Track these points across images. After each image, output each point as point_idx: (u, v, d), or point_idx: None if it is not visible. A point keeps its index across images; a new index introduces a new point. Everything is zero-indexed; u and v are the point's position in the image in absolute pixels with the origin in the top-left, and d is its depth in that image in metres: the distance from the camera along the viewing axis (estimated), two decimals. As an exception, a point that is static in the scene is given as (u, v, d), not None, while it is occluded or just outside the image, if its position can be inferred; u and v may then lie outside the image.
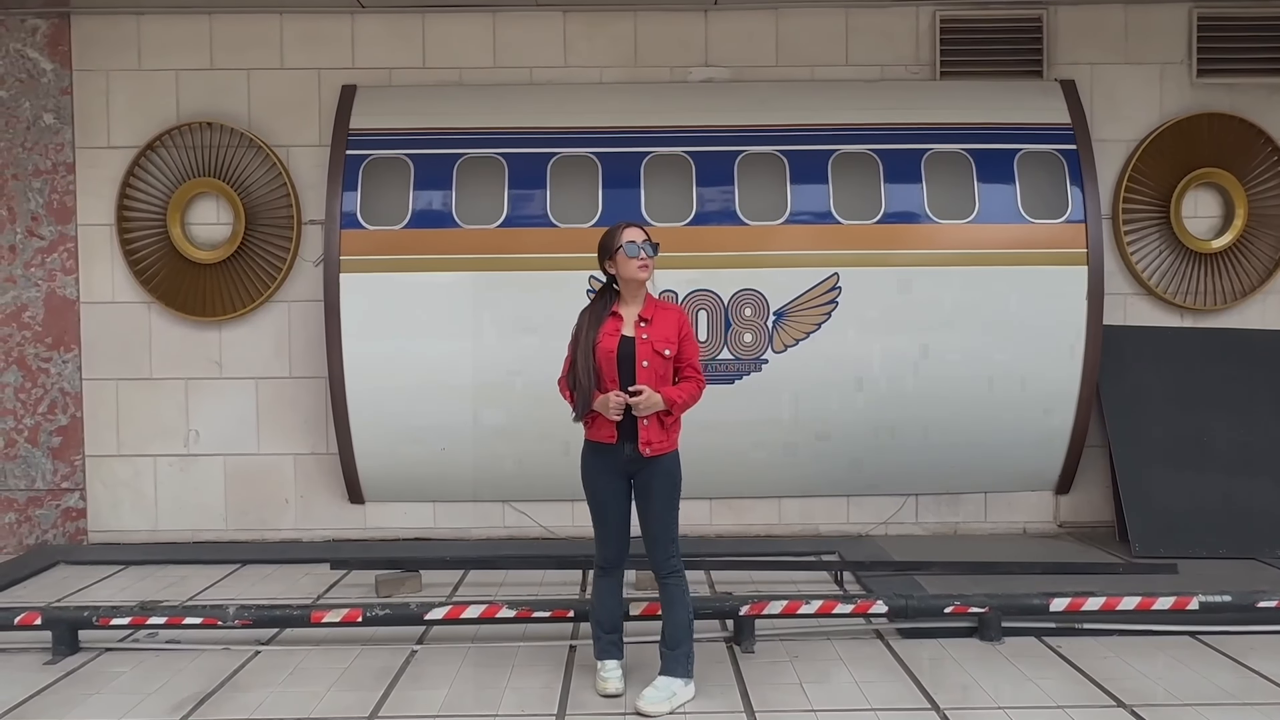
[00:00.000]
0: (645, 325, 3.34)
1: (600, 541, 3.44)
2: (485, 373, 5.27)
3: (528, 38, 5.70)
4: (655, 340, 3.32)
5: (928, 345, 5.30)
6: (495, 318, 5.28)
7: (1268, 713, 3.23)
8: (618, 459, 3.33)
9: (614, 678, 3.40)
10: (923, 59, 5.72)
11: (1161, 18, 5.72)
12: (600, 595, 3.48)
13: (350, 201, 5.29)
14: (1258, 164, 5.68)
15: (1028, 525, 5.75)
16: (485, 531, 5.67)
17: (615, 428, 3.29)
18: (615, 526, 3.40)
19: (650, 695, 3.26)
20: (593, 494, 3.42)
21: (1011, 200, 5.32)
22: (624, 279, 3.36)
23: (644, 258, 3.32)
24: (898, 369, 5.31)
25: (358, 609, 3.93)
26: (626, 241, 3.33)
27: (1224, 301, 5.71)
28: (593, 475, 3.41)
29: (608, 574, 3.46)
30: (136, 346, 5.65)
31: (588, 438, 3.42)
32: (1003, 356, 5.32)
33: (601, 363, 3.31)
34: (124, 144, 5.61)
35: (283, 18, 5.66)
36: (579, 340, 3.37)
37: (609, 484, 3.37)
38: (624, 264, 3.33)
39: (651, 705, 3.23)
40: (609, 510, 3.39)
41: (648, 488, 3.34)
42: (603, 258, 3.41)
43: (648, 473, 3.33)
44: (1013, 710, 3.25)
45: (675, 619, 3.35)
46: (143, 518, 5.70)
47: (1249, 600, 3.95)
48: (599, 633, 3.47)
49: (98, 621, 3.89)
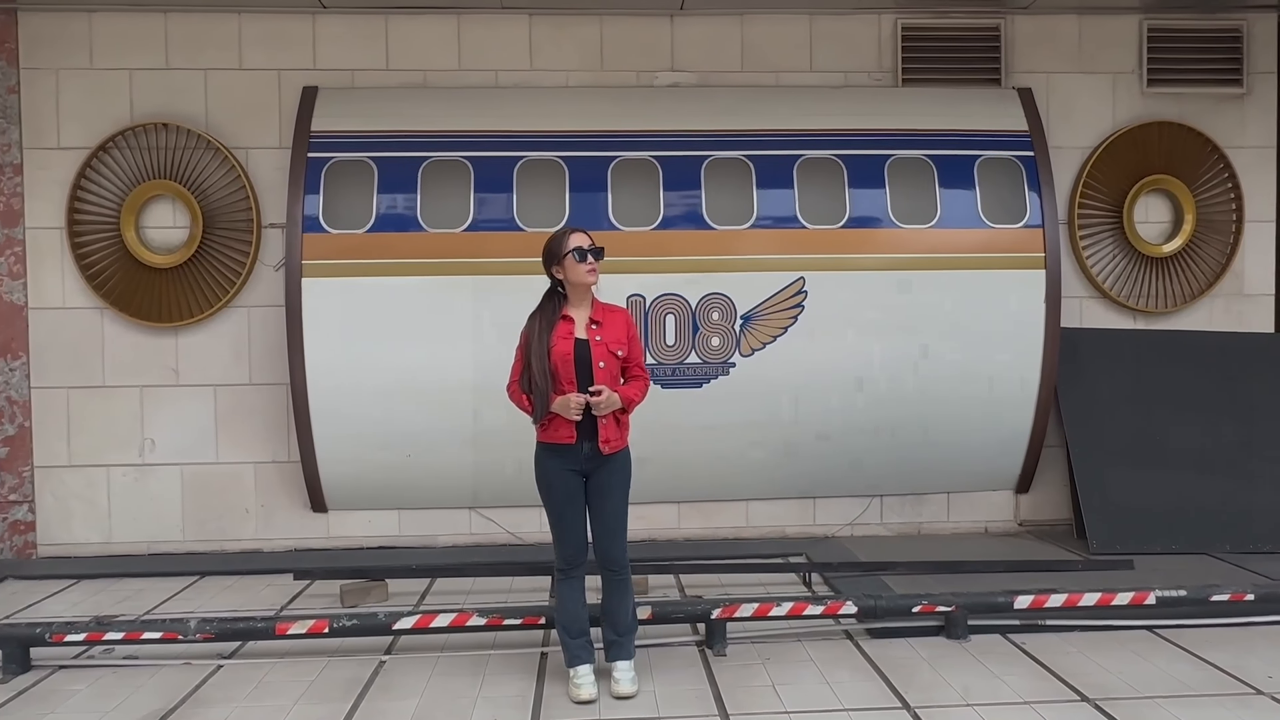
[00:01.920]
0: (597, 328, 3.43)
1: (560, 542, 3.45)
2: (451, 378, 5.21)
3: (493, 40, 5.66)
4: (609, 342, 3.42)
5: (892, 348, 5.38)
6: (461, 322, 5.23)
7: (1224, 703, 3.32)
8: (575, 458, 3.39)
9: (587, 684, 3.39)
10: (885, 66, 5.81)
11: (1113, 29, 5.88)
12: (565, 600, 3.48)
13: (312, 205, 5.20)
14: (1205, 171, 5.87)
15: (989, 524, 5.85)
16: (452, 538, 5.61)
17: (574, 428, 3.34)
18: (573, 524, 3.44)
19: (625, 679, 3.42)
20: (551, 495, 3.45)
21: (972, 205, 5.42)
22: (572, 283, 3.43)
23: (591, 262, 3.40)
24: (865, 372, 5.38)
25: (324, 620, 3.85)
26: (574, 247, 3.39)
27: (1174, 304, 5.89)
28: (550, 476, 3.44)
29: (569, 576, 3.48)
30: (89, 353, 5.49)
31: (542, 440, 3.45)
32: (964, 359, 5.41)
33: (558, 365, 3.36)
34: (74, 145, 5.45)
35: (241, 17, 5.55)
36: (530, 345, 3.41)
37: (566, 483, 3.41)
38: (572, 269, 3.40)
39: (631, 686, 3.40)
40: (567, 509, 3.43)
41: (606, 484, 3.41)
42: (549, 262, 3.46)
43: (606, 470, 3.41)
44: (981, 707, 3.31)
45: (627, 606, 3.51)
46: (96, 530, 5.53)
47: (1203, 594, 4.07)
48: (566, 639, 3.47)
49: (50, 638, 3.77)
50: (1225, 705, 3.30)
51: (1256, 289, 5.98)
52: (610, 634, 3.50)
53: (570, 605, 3.48)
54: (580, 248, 3.39)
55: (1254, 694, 3.40)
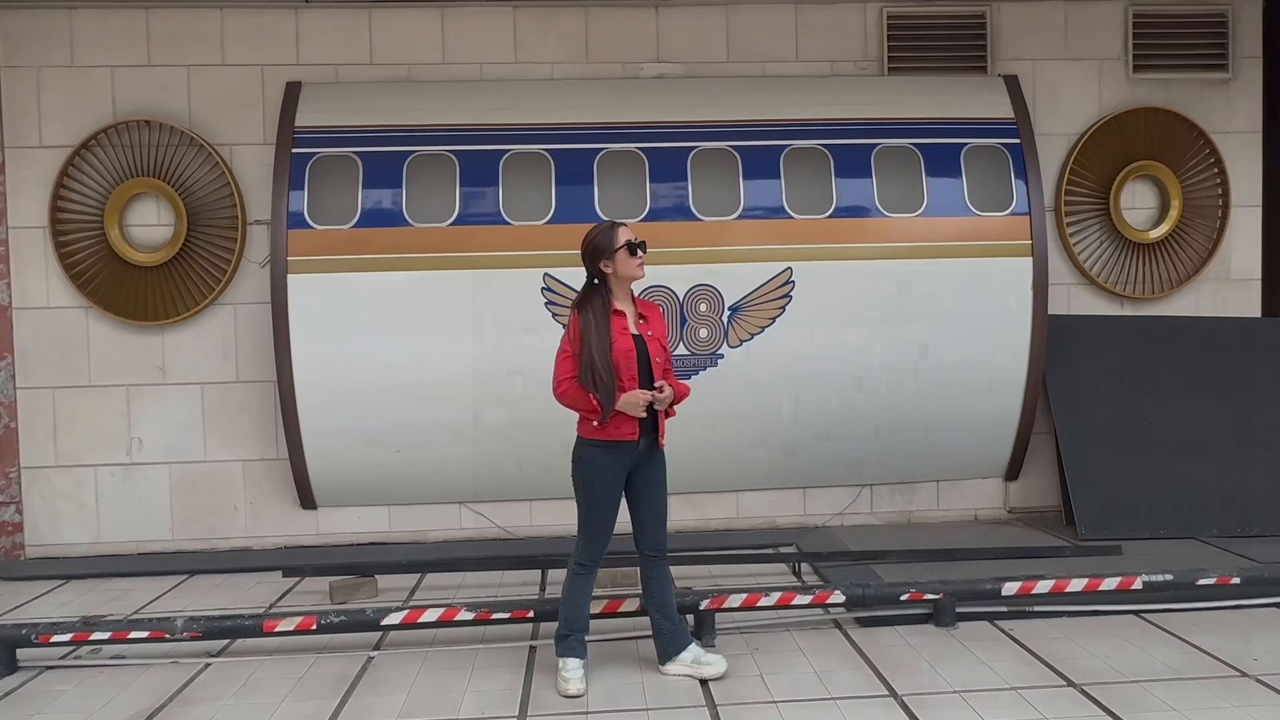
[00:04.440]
0: (645, 322, 3.44)
1: (598, 538, 3.43)
2: (441, 372, 5.20)
3: (478, 33, 5.63)
4: (659, 336, 3.46)
5: (881, 337, 5.38)
6: (449, 317, 5.21)
7: (1210, 686, 3.34)
8: (630, 454, 3.38)
9: (577, 677, 3.40)
10: (871, 55, 5.79)
11: (1099, 14, 5.87)
12: (579, 595, 3.48)
13: (297, 201, 5.18)
14: (1191, 156, 5.87)
15: (979, 511, 5.87)
16: (442, 534, 5.60)
17: (638, 424, 3.33)
18: (612, 521, 3.43)
19: (712, 659, 3.49)
20: (599, 492, 3.39)
21: (959, 193, 5.42)
22: (620, 278, 3.40)
23: (641, 257, 3.39)
24: (854, 361, 5.38)
25: (312, 616, 3.85)
26: (625, 242, 3.37)
27: (1161, 290, 5.90)
28: (601, 473, 3.38)
29: (590, 571, 3.49)
30: (74, 353, 5.46)
31: (598, 437, 3.36)
32: (953, 347, 5.41)
33: (620, 361, 3.32)
34: (57, 143, 5.41)
35: (223, 12, 5.51)
36: (588, 340, 3.30)
37: (616, 481, 3.41)
38: (624, 263, 3.37)
39: (718, 666, 3.47)
40: (612, 507, 3.42)
41: (655, 475, 3.47)
42: (597, 257, 3.38)
43: (652, 462, 3.46)
44: (968, 694, 3.32)
45: (671, 591, 3.57)
46: (84, 530, 5.51)
47: (1190, 579, 4.08)
48: (569, 631, 3.46)
49: (37, 639, 3.75)
50: (1211, 688, 3.32)
51: (1242, 274, 5.99)
52: (667, 623, 3.50)
53: (584, 600, 3.48)
54: (631, 242, 3.36)
55: (1239, 676, 3.42)
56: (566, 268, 5.14)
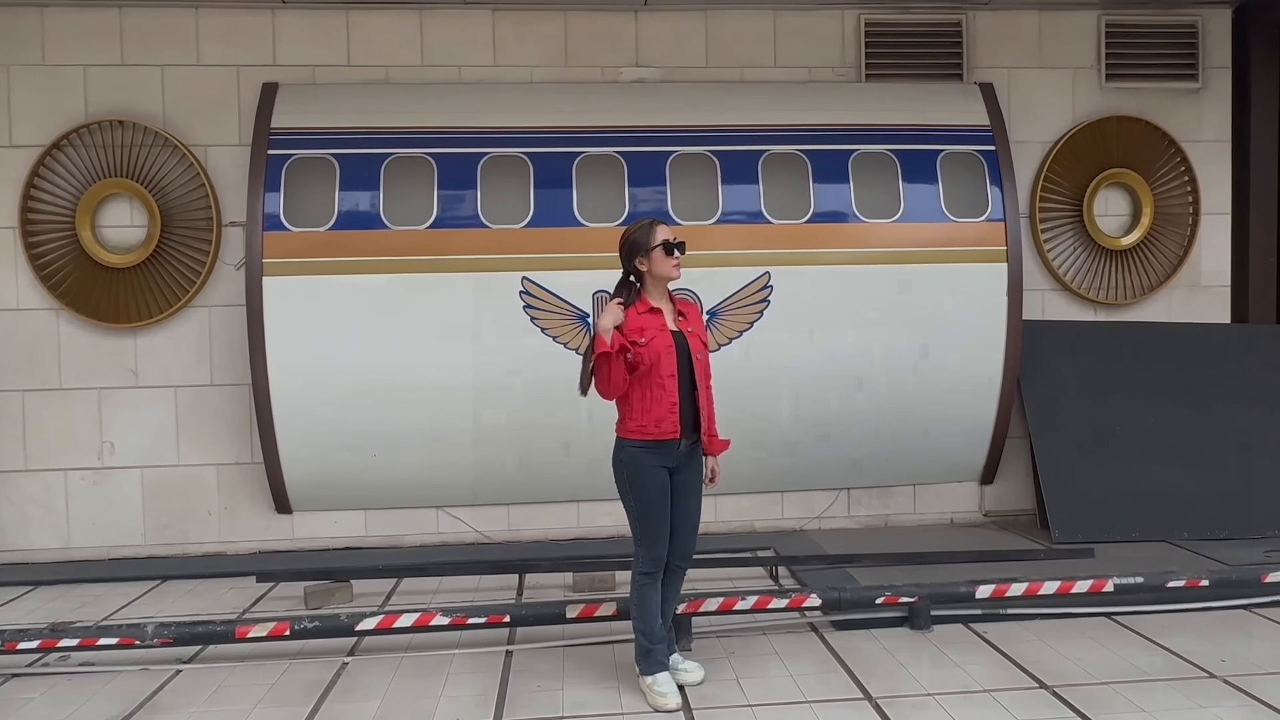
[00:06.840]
0: (684, 319, 3.43)
1: (655, 541, 3.31)
2: (417, 376, 5.17)
3: (456, 36, 5.61)
4: (699, 333, 3.44)
5: (858, 342, 5.41)
6: (425, 320, 5.18)
7: (1179, 687, 3.38)
8: (671, 454, 3.33)
9: (671, 691, 3.30)
10: (848, 61, 5.84)
11: (1073, 24, 5.95)
12: (650, 603, 3.33)
13: (273, 203, 5.13)
14: (1162, 164, 5.96)
15: (955, 515, 5.91)
16: (419, 538, 5.57)
17: (678, 421, 3.28)
18: (666, 523, 3.33)
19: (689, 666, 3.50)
20: (649, 493, 3.30)
21: (935, 200, 5.46)
22: (655, 276, 3.35)
23: (678, 256, 3.35)
24: (832, 365, 5.40)
25: (285, 622, 3.81)
26: (663, 241, 3.33)
27: (1133, 296, 5.98)
28: (648, 474, 3.30)
29: (655, 577, 3.34)
30: (44, 355, 5.38)
31: (638, 437, 3.30)
32: (928, 351, 5.45)
33: (662, 356, 3.29)
34: (27, 143, 5.33)
35: (198, 12, 5.46)
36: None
37: (663, 481, 3.33)
38: (660, 262, 3.33)
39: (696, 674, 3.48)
40: (664, 507, 3.32)
41: (692, 482, 3.43)
42: (634, 254, 3.35)
43: (690, 467, 3.41)
44: (941, 696, 3.34)
45: (675, 603, 3.57)
46: (53, 535, 5.42)
47: (1160, 581, 4.14)
48: (649, 644, 3.33)
49: (4, 646, 3.69)
50: (1180, 689, 3.36)
51: (1213, 280, 6.09)
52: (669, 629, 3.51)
53: (654, 609, 3.33)
54: (668, 241, 3.32)
55: (1208, 678, 3.46)
56: (545, 271, 5.13)
